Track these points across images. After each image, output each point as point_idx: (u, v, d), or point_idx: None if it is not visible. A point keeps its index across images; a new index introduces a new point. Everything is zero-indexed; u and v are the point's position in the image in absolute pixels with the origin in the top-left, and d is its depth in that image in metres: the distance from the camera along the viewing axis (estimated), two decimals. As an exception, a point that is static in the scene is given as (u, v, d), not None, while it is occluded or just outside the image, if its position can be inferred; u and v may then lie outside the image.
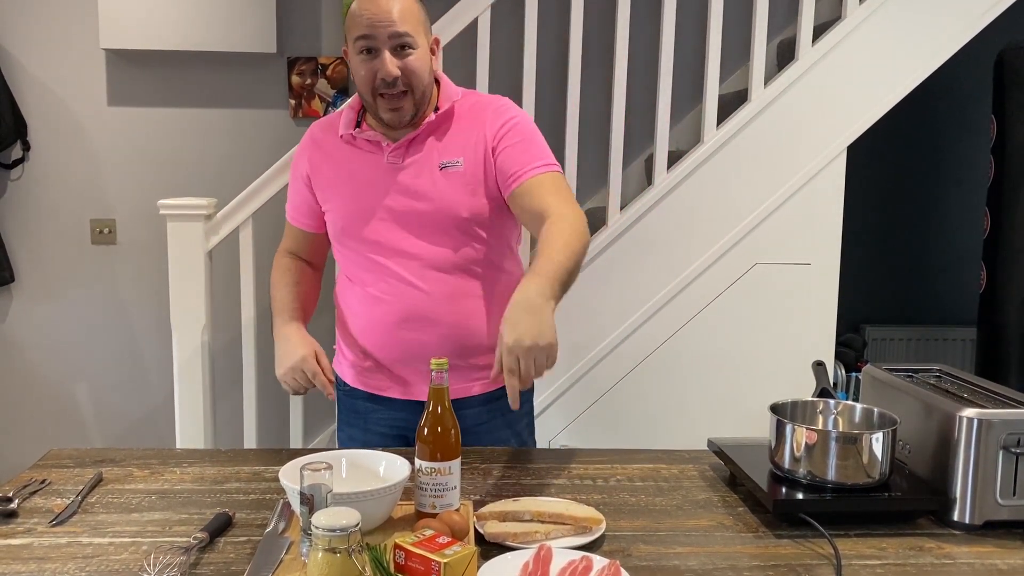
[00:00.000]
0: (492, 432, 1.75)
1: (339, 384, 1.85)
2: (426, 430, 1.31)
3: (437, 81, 1.73)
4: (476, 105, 1.72)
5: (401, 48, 1.60)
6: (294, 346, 1.72)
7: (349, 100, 1.82)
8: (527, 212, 1.64)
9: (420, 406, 1.52)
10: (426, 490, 1.30)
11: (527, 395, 1.82)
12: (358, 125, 1.73)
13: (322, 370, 1.69)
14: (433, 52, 1.69)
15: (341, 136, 1.72)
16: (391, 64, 1.59)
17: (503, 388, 1.35)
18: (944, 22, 2.67)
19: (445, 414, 1.31)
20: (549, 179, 1.65)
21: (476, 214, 1.67)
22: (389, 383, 1.76)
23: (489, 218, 1.68)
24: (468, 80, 2.35)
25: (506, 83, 2.75)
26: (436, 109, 1.69)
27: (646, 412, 2.72)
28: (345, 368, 1.83)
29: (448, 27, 2.58)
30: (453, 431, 1.32)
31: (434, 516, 1.28)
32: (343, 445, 1.86)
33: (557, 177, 1.67)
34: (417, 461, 1.32)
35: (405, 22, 1.59)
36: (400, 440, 1.77)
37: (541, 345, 1.33)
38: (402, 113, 1.64)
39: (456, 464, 1.32)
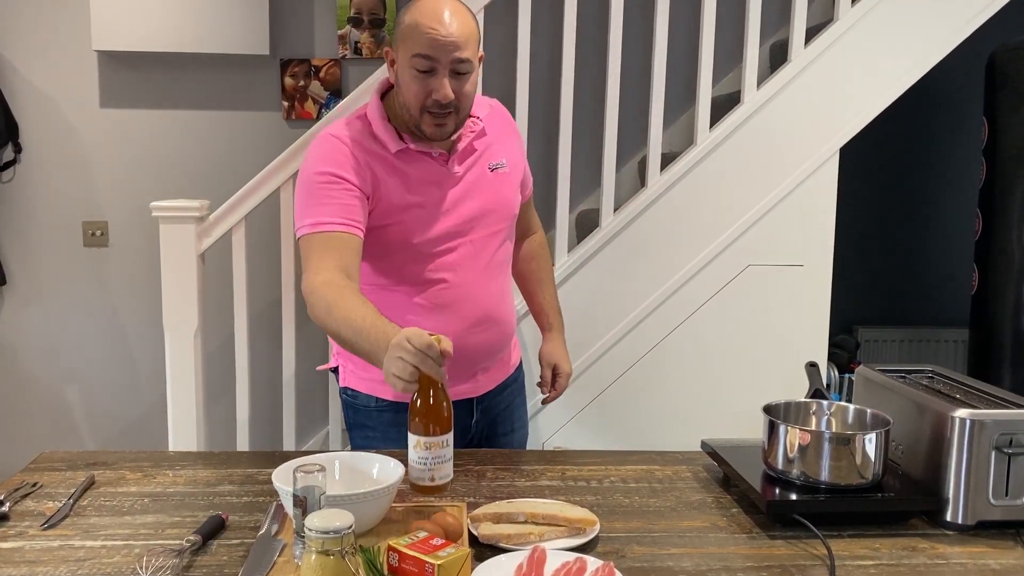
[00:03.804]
0: (514, 410, 1.95)
1: (374, 403, 1.78)
2: (419, 403, 1.32)
3: None
4: (497, 111, 1.84)
5: (459, 72, 1.60)
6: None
7: (358, 111, 1.72)
8: (522, 221, 1.92)
9: (469, 404, 1.81)
10: (424, 464, 1.32)
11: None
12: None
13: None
14: None
15: (393, 152, 1.66)
16: (448, 89, 1.58)
17: (512, 375, 1.92)
18: (936, 24, 2.68)
19: (438, 389, 1.32)
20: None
21: (517, 212, 1.84)
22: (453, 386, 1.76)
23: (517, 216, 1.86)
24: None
25: (500, 85, 2.75)
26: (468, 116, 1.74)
27: (640, 413, 2.72)
28: (381, 385, 1.67)
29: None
30: (446, 403, 1.33)
31: (432, 490, 1.30)
32: None
33: None
34: (412, 436, 1.32)
35: (467, 46, 1.59)
36: (459, 441, 1.78)
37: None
38: (445, 129, 1.64)
39: (450, 437, 1.34)
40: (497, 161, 1.77)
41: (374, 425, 1.79)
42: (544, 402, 2.01)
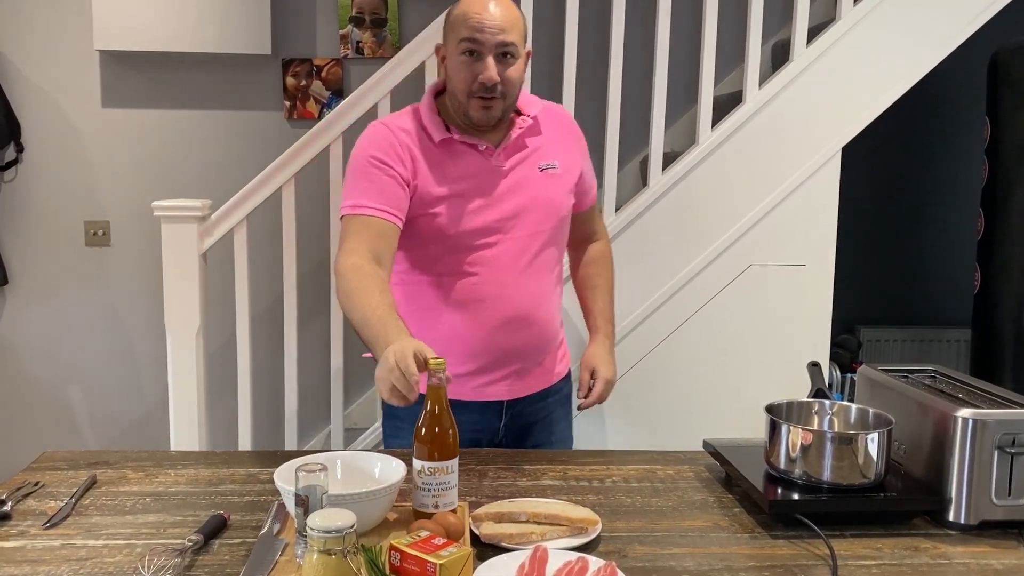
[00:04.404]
0: (554, 423, 1.91)
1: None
2: (424, 430, 1.31)
3: None
4: (555, 113, 1.86)
5: (504, 56, 1.66)
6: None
7: (412, 106, 1.78)
8: (583, 227, 1.96)
9: (499, 406, 1.80)
10: (428, 490, 1.30)
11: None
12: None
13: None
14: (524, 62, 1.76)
15: (436, 141, 1.71)
16: (494, 71, 1.64)
17: (556, 385, 1.89)
18: (938, 23, 2.67)
19: (443, 414, 1.31)
20: (597, 203, 2.00)
21: (567, 215, 1.83)
22: (474, 388, 1.77)
23: (568, 220, 1.85)
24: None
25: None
26: (517, 112, 1.77)
27: (642, 413, 2.72)
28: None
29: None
30: (451, 431, 1.32)
31: (431, 516, 1.28)
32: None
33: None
34: (416, 462, 1.32)
35: (512, 32, 1.66)
36: (486, 444, 1.79)
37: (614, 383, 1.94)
38: (491, 114, 1.68)
39: (455, 463, 1.32)
40: (548, 162, 1.78)
41: (403, 416, 1.78)
42: (580, 408, 1.93)
